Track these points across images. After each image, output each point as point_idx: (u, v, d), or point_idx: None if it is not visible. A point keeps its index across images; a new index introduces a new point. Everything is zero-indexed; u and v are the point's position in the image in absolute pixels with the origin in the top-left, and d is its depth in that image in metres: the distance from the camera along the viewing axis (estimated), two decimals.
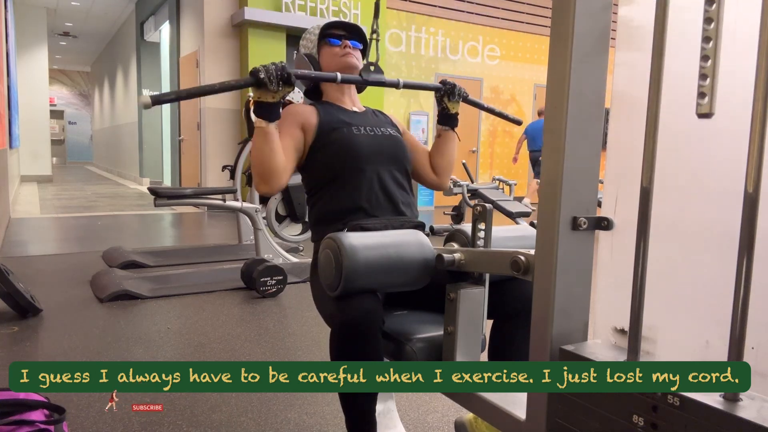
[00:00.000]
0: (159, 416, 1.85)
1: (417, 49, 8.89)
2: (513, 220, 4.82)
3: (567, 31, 0.78)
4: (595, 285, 0.86)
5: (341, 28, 1.67)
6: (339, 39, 1.64)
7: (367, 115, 1.65)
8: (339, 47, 1.62)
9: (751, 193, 0.60)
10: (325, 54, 1.63)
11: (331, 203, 1.52)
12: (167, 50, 9.66)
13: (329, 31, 1.65)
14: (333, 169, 1.52)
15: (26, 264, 4.08)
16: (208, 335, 2.69)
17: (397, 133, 1.65)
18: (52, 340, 2.57)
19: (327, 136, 1.54)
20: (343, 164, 1.51)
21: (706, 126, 0.75)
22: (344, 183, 1.51)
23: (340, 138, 1.53)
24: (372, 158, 1.53)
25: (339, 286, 1.17)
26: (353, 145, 1.52)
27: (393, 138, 1.62)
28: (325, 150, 1.54)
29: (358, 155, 1.52)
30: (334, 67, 1.61)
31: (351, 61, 1.61)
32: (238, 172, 4.76)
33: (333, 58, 1.62)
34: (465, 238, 1.22)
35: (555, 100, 0.80)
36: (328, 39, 1.64)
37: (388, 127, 1.65)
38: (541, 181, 0.83)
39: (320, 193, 1.55)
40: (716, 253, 0.72)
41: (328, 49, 1.63)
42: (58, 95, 20.47)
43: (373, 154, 1.54)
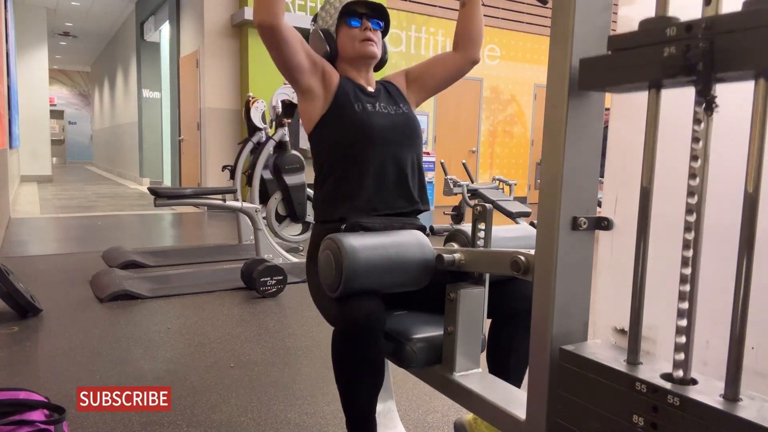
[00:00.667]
0: (159, 416, 1.85)
1: (417, 49, 8.88)
2: (513, 220, 4.82)
3: (567, 31, 0.78)
4: (595, 285, 0.86)
5: (363, 6, 1.57)
6: (360, 18, 1.55)
7: (380, 94, 1.60)
8: (359, 29, 1.54)
9: (751, 193, 0.60)
10: (344, 35, 1.56)
11: (341, 182, 1.49)
12: (167, 50, 9.66)
13: (351, 8, 1.55)
14: (345, 147, 1.49)
15: (26, 264, 4.07)
16: (208, 335, 2.68)
17: (408, 110, 1.61)
18: (52, 340, 2.57)
19: (341, 109, 1.50)
20: (355, 143, 1.48)
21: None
22: (355, 162, 1.47)
23: (353, 116, 1.49)
24: (385, 139, 1.50)
25: (339, 286, 1.17)
26: (367, 124, 1.48)
27: (405, 116, 1.58)
28: (338, 125, 1.50)
29: (372, 135, 1.48)
30: (350, 52, 1.55)
31: (370, 50, 1.55)
32: (238, 172, 4.76)
33: (351, 42, 1.55)
34: (465, 238, 1.22)
35: (555, 100, 0.80)
36: (347, 19, 1.55)
37: (400, 102, 1.61)
38: (541, 181, 0.83)
39: (331, 171, 1.51)
40: (716, 253, 0.72)
41: (347, 30, 1.55)
42: (58, 95, 20.46)
43: (387, 134, 1.50)
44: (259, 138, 4.62)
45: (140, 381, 2.12)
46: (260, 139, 4.61)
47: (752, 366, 0.73)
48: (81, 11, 12.02)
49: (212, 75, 7.36)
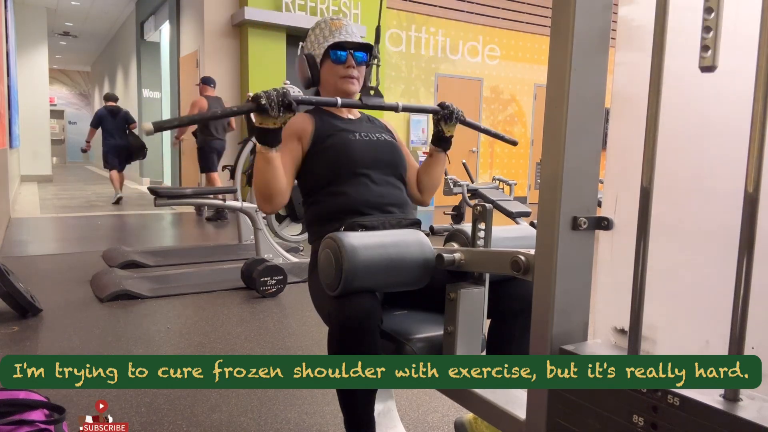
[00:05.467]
0: (159, 416, 1.85)
1: (417, 49, 8.88)
2: (513, 220, 4.82)
3: (567, 31, 0.78)
4: (595, 285, 0.86)
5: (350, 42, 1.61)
6: (345, 51, 1.59)
7: (362, 122, 1.66)
8: (342, 66, 1.58)
9: (751, 193, 0.60)
10: (327, 68, 1.60)
11: (326, 206, 1.53)
12: (167, 50, 9.66)
13: (338, 44, 1.59)
14: (329, 174, 1.53)
15: (26, 264, 4.07)
16: (208, 335, 2.68)
17: (392, 138, 1.66)
18: (52, 340, 2.57)
19: (323, 141, 1.55)
20: (338, 168, 1.52)
21: (706, 126, 0.75)
22: (340, 186, 1.51)
23: (335, 143, 1.54)
24: (368, 163, 1.54)
25: (339, 285, 1.17)
26: (349, 149, 1.53)
27: (388, 143, 1.63)
28: (321, 155, 1.54)
29: (354, 159, 1.52)
30: (331, 86, 1.60)
31: (350, 89, 1.59)
32: (238, 172, 4.76)
33: (333, 77, 1.59)
34: (465, 238, 1.22)
35: (555, 100, 0.80)
36: (333, 52, 1.59)
37: (383, 132, 1.66)
38: (541, 181, 0.83)
39: (316, 197, 1.56)
40: (716, 253, 0.72)
41: (331, 65, 1.59)
42: (58, 95, 20.46)
43: (369, 158, 1.55)
44: None
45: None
46: None
47: None
48: (81, 11, 12.02)
49: (212, 75, 7.33)
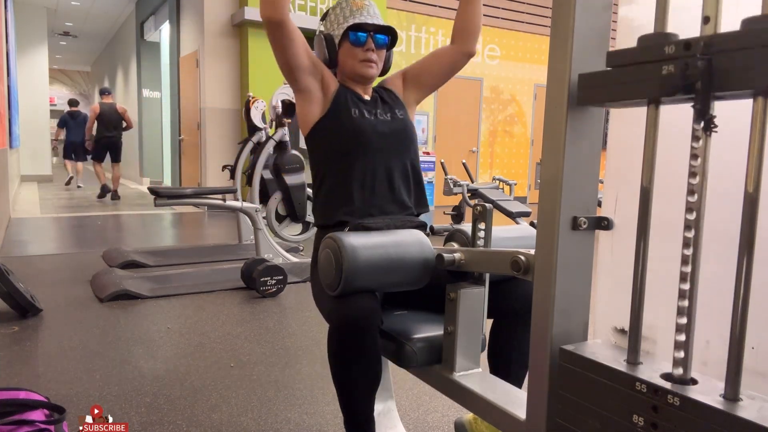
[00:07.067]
0: (159, 416, 1.85)
1: (417, 49, 8.88)
2: (513, 220, 4.82)
3: (567, 31, 0.78)
4: (595, 285, 0.86)
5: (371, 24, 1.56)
6: (365, 33, 1.54)
7: (377, 102, 1.61)
8: (362, 48, 1.54)
9: (751, 193, 0.60)
10: (345, 50, 1.55)
11: (336, 188, 1.51)
12: (167, 50, 9.65)
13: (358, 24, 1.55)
14: (340, 155, 1.51)
15: (26, 264, 4.07)
16: (208, 335, 2.68)
17: (404, 115, 1.62)
18: (52, 340, 2.57)
19: (338, 115, 1.52)
20: (350, 151, 1.50)
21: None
22: (350, 169, 1.49)
23: (349, 123, 1.51)
24: (379, 146, 1.52)
25: (339, 285, 1.17)
26: (362, 133, 1.50)
27: (402, 122, 1.59)
28: (334, 132, 1.52)
29: (366, 143, 1.50)
30: (349, 69, 1.56)
31: (367, 72, 1.56)
32: (238, 172, 4.76)
33: (352, 60, 1.55)
34: (465, 238, 1.22)
35: (555, 100, 0.80)
36: (352, 33, 1.53)
37: (396, 108, 1.62)
38: (541, 181, 0.83)
39: (327, 177, 1.53)
40: (716, 253, 0.72)
41: (350, 47, 1.55)
42: (58, 95, 20.44)
43: (381, 142, 1.52)
44: (259, 138, 4.62)
45: (140, 381, 2.12)
46: (260, 138, 4.61)
47: (752, 366, 0.73)
48: (81, 11, 12.02)
49: (212, 75, 7.35)
